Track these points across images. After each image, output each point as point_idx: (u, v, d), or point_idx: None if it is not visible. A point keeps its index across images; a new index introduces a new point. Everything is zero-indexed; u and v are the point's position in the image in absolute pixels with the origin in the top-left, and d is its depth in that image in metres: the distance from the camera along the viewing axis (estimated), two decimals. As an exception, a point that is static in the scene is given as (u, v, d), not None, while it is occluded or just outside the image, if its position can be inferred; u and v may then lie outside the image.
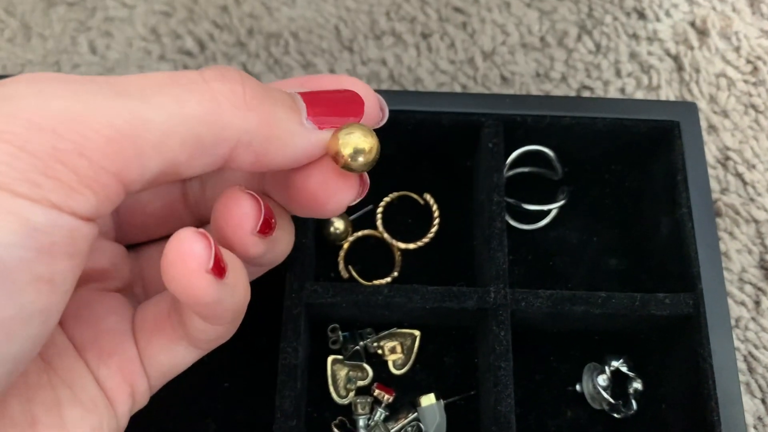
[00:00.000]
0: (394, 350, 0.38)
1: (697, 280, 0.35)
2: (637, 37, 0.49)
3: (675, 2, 0.50)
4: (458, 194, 0.41)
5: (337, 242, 0.40)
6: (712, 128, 0.46)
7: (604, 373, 0.36)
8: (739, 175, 0.44)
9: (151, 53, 0.48)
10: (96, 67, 0.47)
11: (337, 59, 0.48)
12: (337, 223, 0.39)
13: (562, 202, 0.40)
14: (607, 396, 0.36)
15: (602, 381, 0.36)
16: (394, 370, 0.38)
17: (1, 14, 0.49)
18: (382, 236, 0.40)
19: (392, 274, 0.39)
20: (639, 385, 0.37)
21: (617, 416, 0.37)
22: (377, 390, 0.36)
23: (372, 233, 0.41)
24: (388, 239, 0.40)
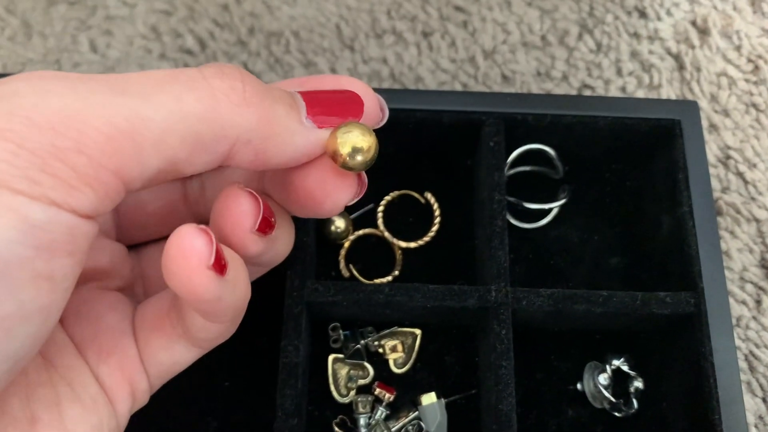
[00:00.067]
0: (395, 349, 0.38)
1: (698, 279, 0.35)
2: (638, 36, 0.49)
3: (676, 1, 0.50)
4: (459, 193, 0.41)
5: (338, 241, 0.40)
6: (713, 127, 0.46)
7: (605, 372, 0.36)
8: (740, 174, 0.44)
9: (151, 52, 0.48)
10: (97, 66, 0.47)
11: (338, 58, 0.48)
12: (338, 222, 0.39)
13: (563, 200, 0.40)
14: (608, 395, 0.36)
15: (603, 380, 0.36)
16: (395, 369, 0.38)
17: (1, 13, 0.49)
18: (383, 235, 0.40)
19: (393, 273, 0.39)
20: (640, 383, 0.37)
21: (618, 415, 0.37)
22: (378, 389, 0.36)
23: (373, 232, 0.41)
24: (389, 238, 0.40)
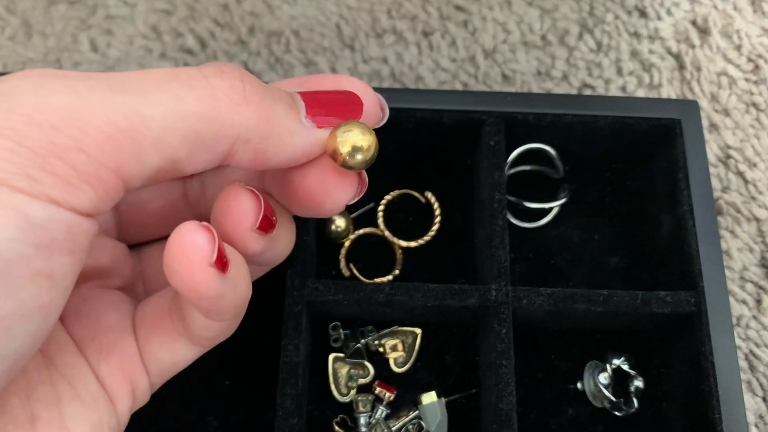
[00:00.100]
0: (395, 348, 0.38)
1: (698, 279, 0.35)
2: (638, 36, 0.49)
3: (676, 1, 0.50)
4: (459, 192, 0.41)
5: (338, 240, 0.40)
6: (714, 127, 0.46)
7: (605, 371, 0.36)
8: (741, 174, 0.44)
9: (152, 51, 0.48)
10: (97, 65, 0.47)
11: (338, 57, 0.48)
12: (338, 221, 0.39)
13: (564, 200, 0.40)
14: (608, 394, 0.36)
15: (603, 379, 0.36)
16: (396, 368, 0.38)
17: (2, 12, 0.49)
18: (384, 234, 0.40)
19: (393, 272, 0.39)
20: (640, 383, 0.37)
21: (618, 414, 0.37)
22: (378, 388, 0.36)
23: (373, 231, 0.41)
24: (390, 237, 0.40)
